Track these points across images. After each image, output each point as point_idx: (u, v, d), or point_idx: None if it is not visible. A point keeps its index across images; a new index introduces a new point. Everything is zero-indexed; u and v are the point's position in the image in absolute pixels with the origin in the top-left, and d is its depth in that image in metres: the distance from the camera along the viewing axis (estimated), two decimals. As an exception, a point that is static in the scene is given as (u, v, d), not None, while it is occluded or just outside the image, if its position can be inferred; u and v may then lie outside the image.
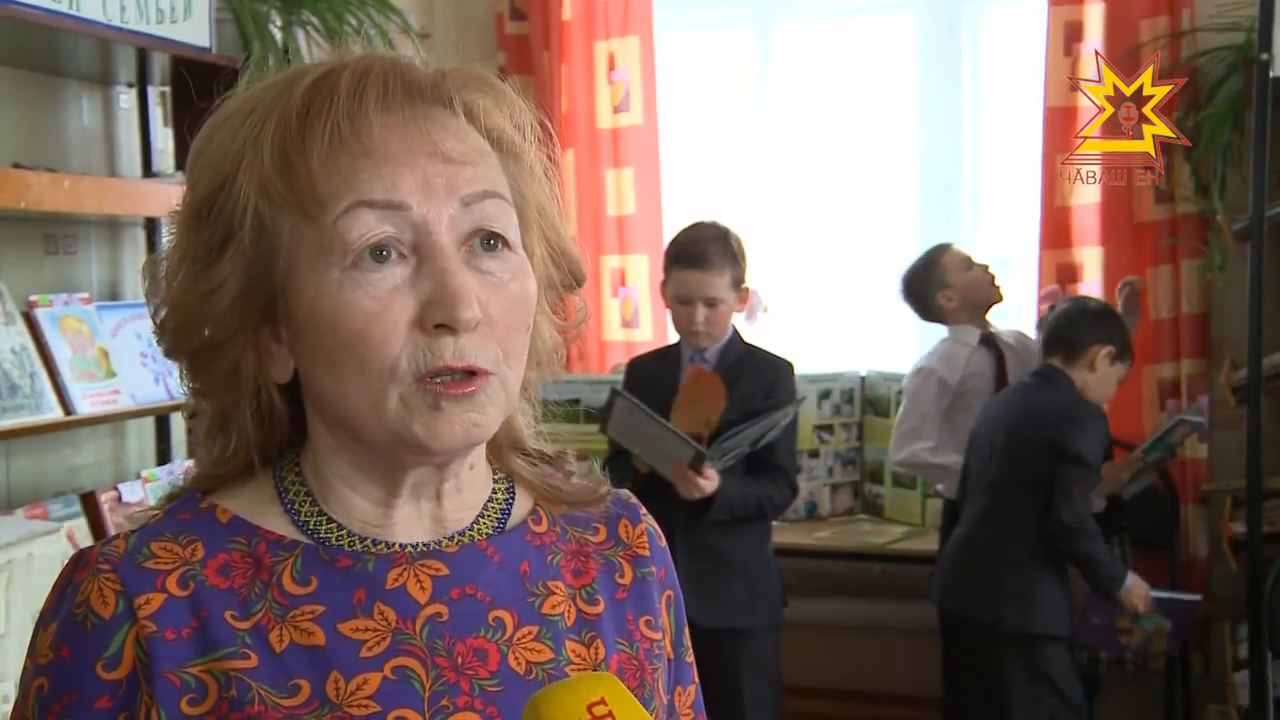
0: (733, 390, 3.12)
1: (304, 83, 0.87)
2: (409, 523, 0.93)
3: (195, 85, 2.89)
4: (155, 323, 0.93)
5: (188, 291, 0.89)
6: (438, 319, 0.84)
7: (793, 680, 3.38)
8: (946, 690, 3.50)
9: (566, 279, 0.98)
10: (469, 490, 0.95)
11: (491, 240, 0.88)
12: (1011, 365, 3.67)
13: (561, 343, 0.99)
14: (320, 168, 0.85)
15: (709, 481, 2.99)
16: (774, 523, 3.33)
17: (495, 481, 0.99)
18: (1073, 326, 3.29)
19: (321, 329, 0.86)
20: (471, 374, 0.86)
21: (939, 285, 3.70)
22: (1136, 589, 3.22)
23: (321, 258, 0.85)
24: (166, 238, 0.93)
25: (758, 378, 3.14)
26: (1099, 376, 3.26)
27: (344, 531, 0.91)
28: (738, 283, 3.13)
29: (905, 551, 3.96)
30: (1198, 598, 3.52)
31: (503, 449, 0.99)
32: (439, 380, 0.85)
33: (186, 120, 0.93)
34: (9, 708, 2.07)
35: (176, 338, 0.91)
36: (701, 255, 3.09)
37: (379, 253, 0.85)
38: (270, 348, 0.90)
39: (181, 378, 0.94)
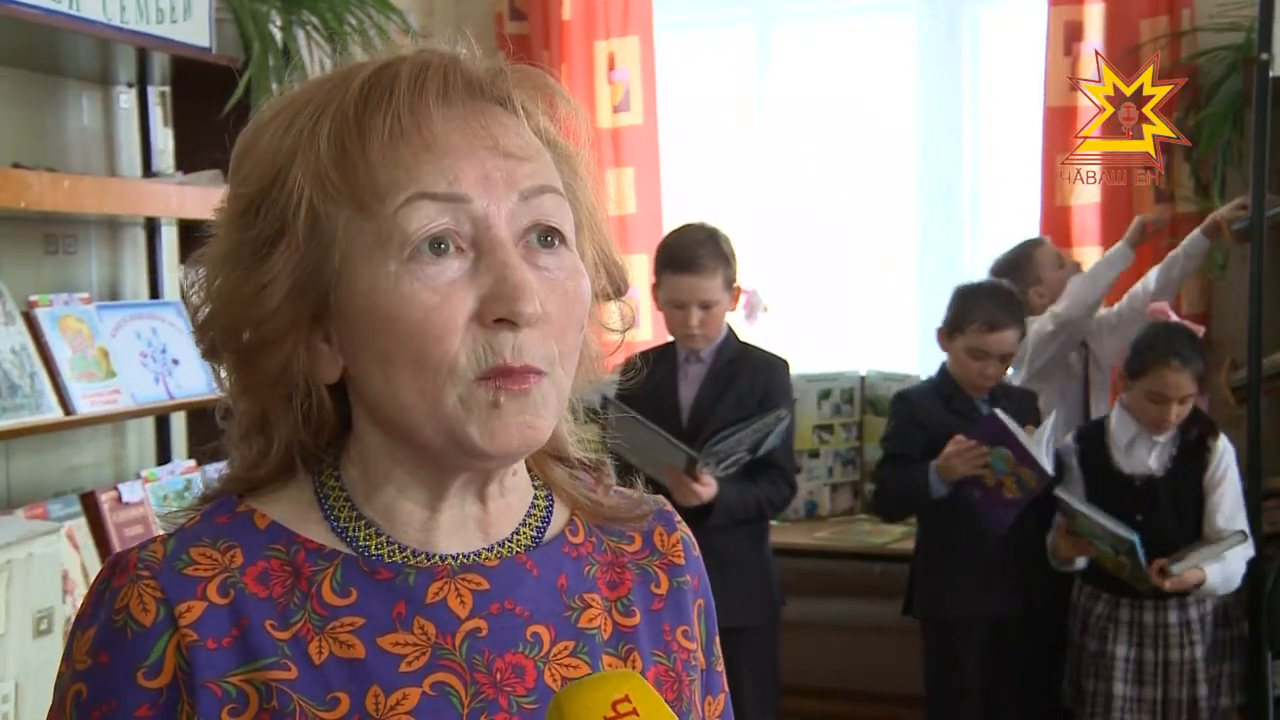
0: (728, 389, 3.12)
1: (361, 76, 0.86)
2: (453, 529, 0.91)
3: (195, 85, 2.91)
4: (195, 324, 0.91)
5: (236, 289, 0.87)
6: (499, 313, 0.83)
7: (793, 680, 3.39)
8: None
9: (608, 287, 0.96)
10: (512, 494, 0.94)
11: (549, 236, 0.87)
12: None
13: (603, 351, 0.97)
14: (379, 159, 0.84)
15: (706, 488, 2.98)
16: (774, 522, 3.33)
17: (535, 490, 0.97)
18: None
19: (377, 323, 0.84)
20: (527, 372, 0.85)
21: (1033, 280, 3.67)
22: (944, 467, 3.15)
23: (378, 250, 0.84)
24: (210, 237, 0.91)
25: (754, 376, 3.14)
26: (950, 358, 3.30)
27: (383, 539, 0.90)
28: (730, 282, 3.12)
29: (905, 551, 3.93)
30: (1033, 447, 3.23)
31: (544, 456, 0.98)
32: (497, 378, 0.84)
33: (191, 120, 0.92)
34: (9, 707, 2.07)
35: (224, 336, 0.89)
36: (693, 259, 3.07)
37: (438, 245, 0.84)
38: (318, 347, 0.88)
39: (223, 378, 0.92)
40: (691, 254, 3.08)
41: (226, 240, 0.88)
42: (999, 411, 3.18)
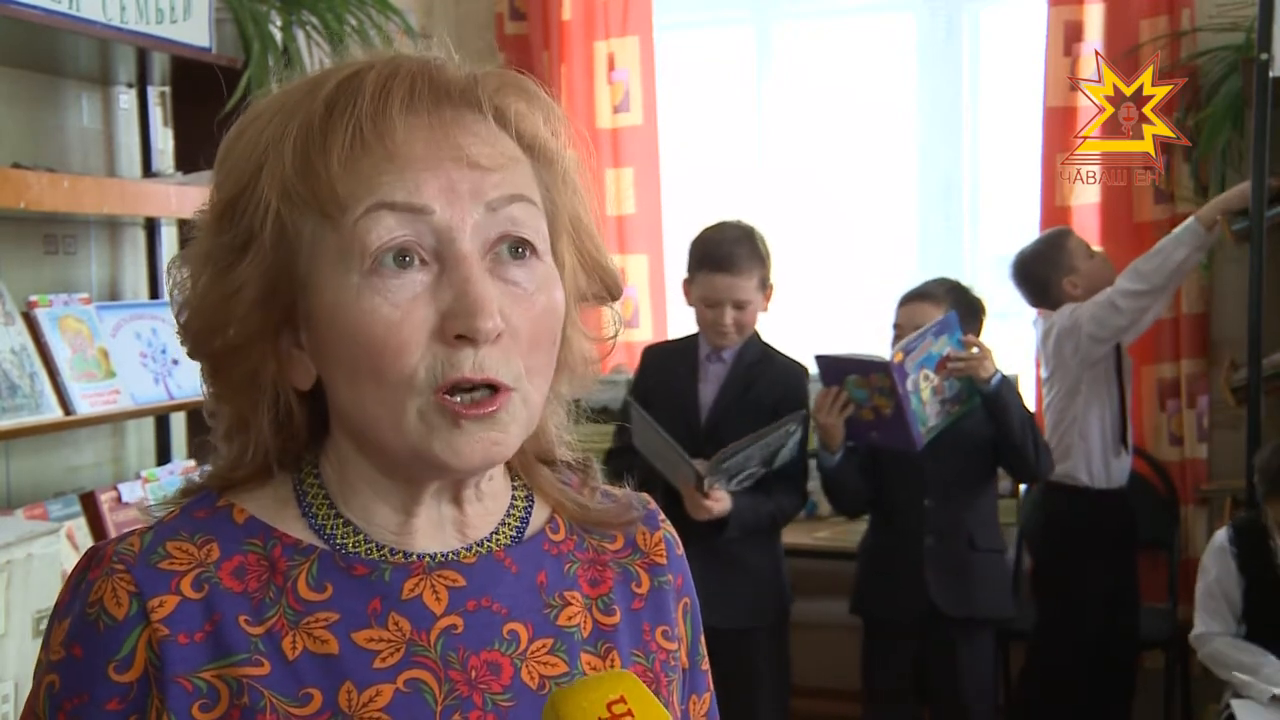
0: (747, 393, 3.10)
1: (329, 84, 0.86)
2: (430, 530, 0.91)
3: (195, 85, 2.91)
4: (178, 324, 0.91)
5: (209, 293, 0.87)
6: (457, 329, 0.82)
7: (793, 680, 3.39)
8: None
9: (600, 291, 0.95)
10: (490, 497, 0.94)
11: (519, 248, 0.86)
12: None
13: (596, 355, 0.96)
14: (340, 169, 0.83)
15: (717, 503, 2.95)
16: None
17: (514, 489, 0.97)
18: None
19: (341, 335, 0.84)
20: (492, 389, 0.84)
21: (1066, 270, 3.59)
22: (823, 436, 3.20)
23: (341, 262, 0.83)
24: (192, 239, 0.91)
25: (774, 382, 3.11)
26: None
27: (361, 537, 0.90)
28: (764, 283, 3.09)
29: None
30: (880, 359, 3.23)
31: (529, 459, 0.97)
32: (459, 398, 0.83)
33: (191, 120, 0.92)
34: (9, 707, 2.07)
35: (198, 340, 0.89)
36: (729, 258, 3.03)
37: (400, 258, 0.83)
38: (292, 353, 0.88)
39: (202, 379, 0.92)
40: (728, 252, 3.04)
41: (204, 244, 0.89)
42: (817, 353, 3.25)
